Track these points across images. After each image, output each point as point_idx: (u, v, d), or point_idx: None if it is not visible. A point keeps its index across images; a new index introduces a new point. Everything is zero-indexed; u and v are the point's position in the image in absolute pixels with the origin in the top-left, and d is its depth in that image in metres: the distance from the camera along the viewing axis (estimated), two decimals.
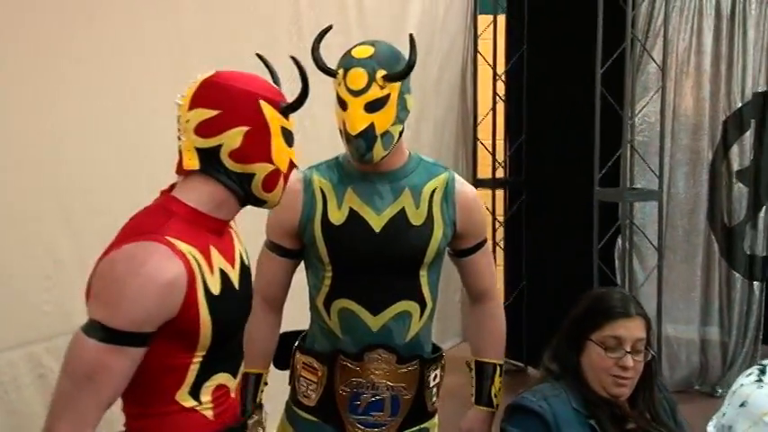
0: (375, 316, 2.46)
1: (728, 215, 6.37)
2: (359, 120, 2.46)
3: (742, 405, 2.49)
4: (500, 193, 7.31)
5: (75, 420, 1.68)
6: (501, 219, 7.32)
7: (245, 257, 2.04)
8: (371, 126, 2.46)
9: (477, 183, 7.00)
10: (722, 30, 6.18)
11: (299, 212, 2.51)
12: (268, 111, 1.85)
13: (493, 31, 7.17)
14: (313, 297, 2.58)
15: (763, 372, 2.54)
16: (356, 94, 2.46)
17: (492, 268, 2.98)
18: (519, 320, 6.62)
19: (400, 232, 2.48)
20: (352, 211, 2.49)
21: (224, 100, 1.82)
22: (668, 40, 5.91)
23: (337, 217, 2.49)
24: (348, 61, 2.50)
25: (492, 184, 7.23)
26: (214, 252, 1.85)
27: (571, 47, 6.14)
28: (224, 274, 1.87)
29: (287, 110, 1.91)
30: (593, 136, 5.72)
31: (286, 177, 1.96)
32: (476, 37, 7.15)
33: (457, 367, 4.79)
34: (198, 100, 1.82)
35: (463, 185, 2.69)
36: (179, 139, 1.87)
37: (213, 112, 1.80)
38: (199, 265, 1.78)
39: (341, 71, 2.50)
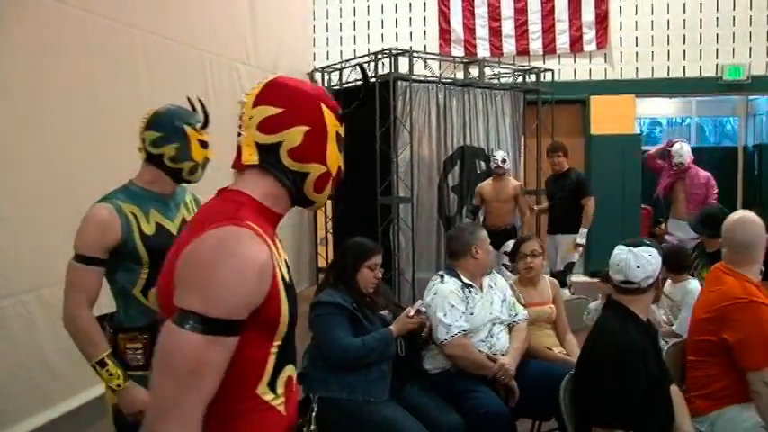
0: None
1: (448, 211, 6.95)
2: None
3: (435, 293, 3.10)
4: (329, 202, 7.21)
5: (183, 420, 1.13)
6: (330, 216, 7.62)
7: None
8: None
9: None
10: (440, 113, 6.78)
11: (119, 234, 2.14)
12: (327, 114, 1.37)
13: None
14: (128, 290, 2.21)
15: (442, 277, 3.16)
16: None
17: None
18: None
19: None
20: (157, 224, 2.22)
21: (289, 99, 1.33)
22: (414, 118, 6.45)
23: (149, 229, 2.19)
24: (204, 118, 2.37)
25: None
26: (277, 242, 1.33)
27: (364, 120, 6.14)
28: (287, 264, 1.35)
29: (343, 117, 1.42)
30: (375, 169, 6.27)
31: (334, 182, 1.42)
32: None
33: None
34: (263, 98, 1.33)
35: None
36: (239, 135, 1.36)
37: (277, 110, 1.31)
38: (273, 253, 1.25)
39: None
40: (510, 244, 5.69)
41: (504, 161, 6.22)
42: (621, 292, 2.47)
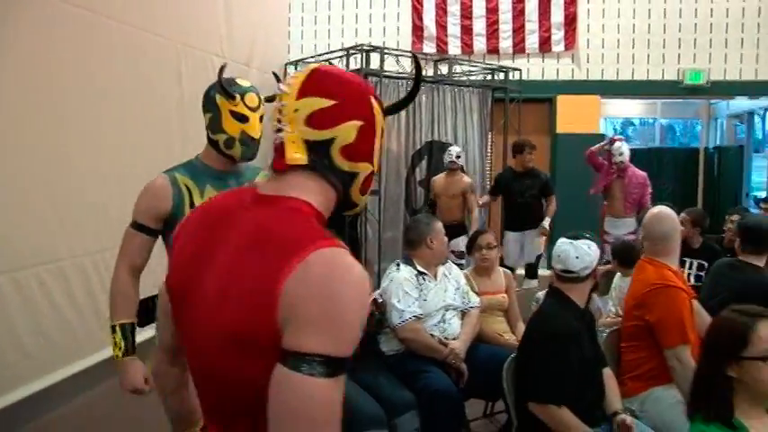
0: None
1: (414, 204, 7.12)
2: (258, 128, 2.21)
3: (391, 280, 3.30)
4: None
5: None
6: None
7: None
8: (262, 133, 2.21)
9: None
10: (409, 109, 6.76)
11: (170, 202, 2.13)
12: (376, 109, 1.21)
13: None
14: None
15: (398, 266, 3.37)
16: (253, 110, 2.19)
17: None
18: None
19: None
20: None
21: (341, 91, 1.15)
22: None
23: (200, 203, 1.81)
24: (241, 88, 2.19)
25: None
26: None
27: None
28: None
29: (388, 111, 1.27)
30: None
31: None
32: None
33: None
34: (310, 88, 1.14)
35: None
36: (279, 131, 1.15)
37: (329, 102, 1.13)
38: None
39: (238, 95, 2.17)
40: (459, 242, 5.91)
41: (458, 157, 6.25)
42: (561, 281, 2.71)
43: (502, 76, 7.92)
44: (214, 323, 1.07)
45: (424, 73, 7.35)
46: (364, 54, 6.58)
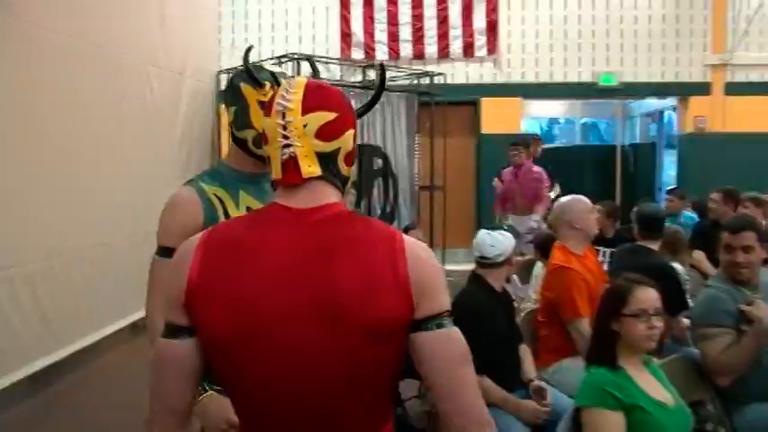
0: None
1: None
2: None
3: None
4: None
5: None
6: None
7: None
8: None
9: None
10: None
11: (200, 217, 1.80)
12: None
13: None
14: None
15: None
16: None
17: None
18: None
19: None
20: (248, 209, 1.86)
21: (338, 103, 1.23)
22: None
23: (237, 214, 1.84)
24: (270, 74, 1.94)
25: None
26: None
27: None
28: None
29: (358, 115, 1.33)
30: None
31: None
32: (219, 112, 7.93)
33: None
34: (313, 103, 1.21)
35: None
36: (286, 147, 1.20)
37: (333, 115, 1.21)
38: None
39: (267, 83, 1.89)
40: None
41: None
42: (480, 267, 3.10)
43: (428, 80, 8.32)
44: (336, 336, 1.15)
45: (352, 79, 7.72)
46: (296, 62, 6.84)
